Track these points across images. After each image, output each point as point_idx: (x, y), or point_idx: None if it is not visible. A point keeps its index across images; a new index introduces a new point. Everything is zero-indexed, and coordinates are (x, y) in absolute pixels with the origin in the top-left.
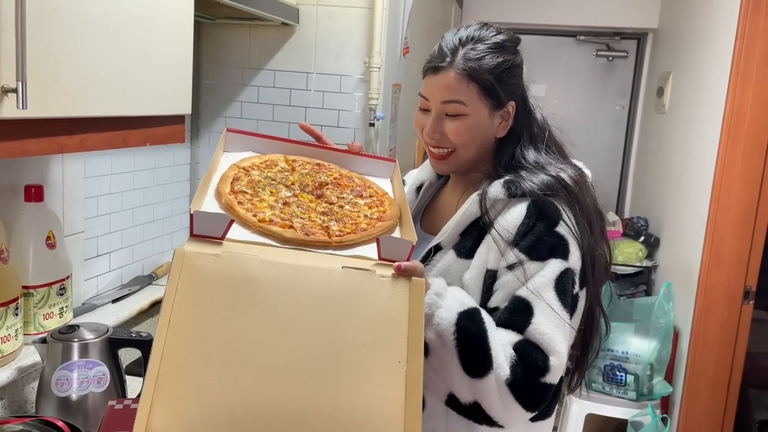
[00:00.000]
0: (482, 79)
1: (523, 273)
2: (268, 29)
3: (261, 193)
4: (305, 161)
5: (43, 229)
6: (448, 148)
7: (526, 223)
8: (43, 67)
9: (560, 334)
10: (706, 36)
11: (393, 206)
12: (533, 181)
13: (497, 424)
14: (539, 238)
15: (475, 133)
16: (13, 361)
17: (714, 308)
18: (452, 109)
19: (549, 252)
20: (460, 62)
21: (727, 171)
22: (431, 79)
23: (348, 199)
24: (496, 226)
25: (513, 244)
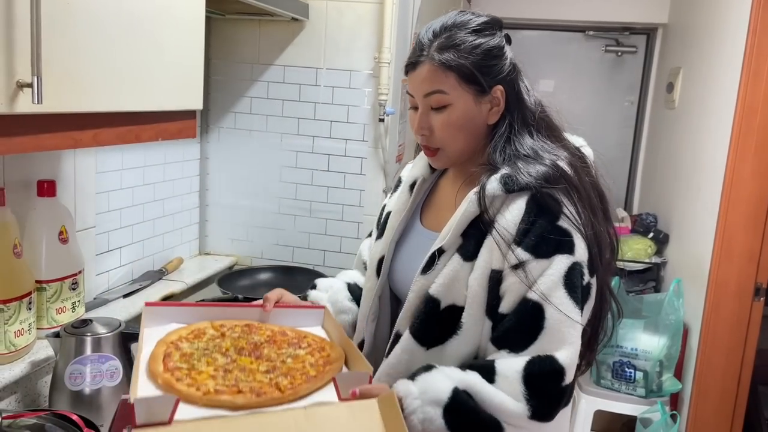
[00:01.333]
0: (459, 65)
1: (530, 273)
2: (278, 25)
3: (197, 365)
4: (233, 324)
5: (55, 223)
6: (435, 146)
7: (527, 220)
8: (57, 62)
9: (573, 332)
10: (717, 31)
11: (335, 348)
12: (530, 173)
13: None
14: (542, 235)
15: (462, 124)
16: (26, 355)
17: (724, 305)
18: (435, 101)
19: (554, 249)
20: (434, 53)
21: (738, 166)
22: (411, 76)
23: (288, 353)
24: (496, 225)
25: (516, 242)
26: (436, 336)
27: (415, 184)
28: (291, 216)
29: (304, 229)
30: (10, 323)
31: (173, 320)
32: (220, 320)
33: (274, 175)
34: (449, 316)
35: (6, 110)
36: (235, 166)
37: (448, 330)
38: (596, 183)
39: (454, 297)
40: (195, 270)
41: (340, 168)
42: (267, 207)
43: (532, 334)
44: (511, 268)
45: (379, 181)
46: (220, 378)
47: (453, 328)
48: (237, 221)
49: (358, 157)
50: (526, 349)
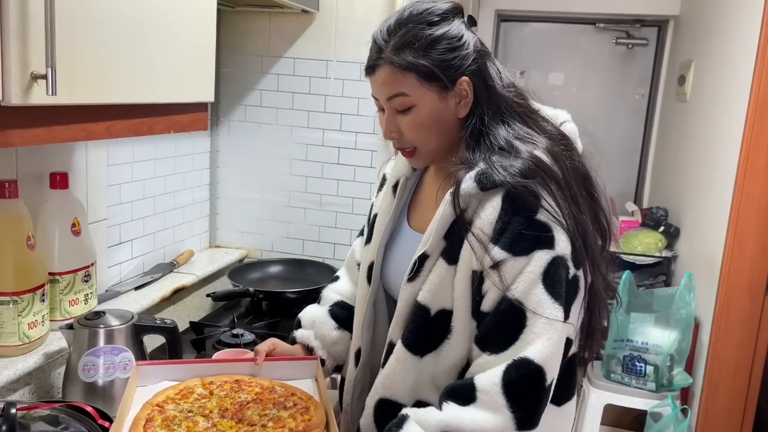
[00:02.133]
0: (417, 64)
1: (508, 273)
2: (288, 17)
3: (177, 430)
4: (223, 381)
5: (68, 216)
6: (409, 147)
7: (503, 218)
8: (71, 53)
9: (550, 329)
10: (730, 23)
11: (318, 410)
12: (504, 167)
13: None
14: (519, 232)
15: (430, 123)
16: (40, 346)
17: (736, 299)
18: (398, 104)
19: (533, 245)
20: (390, 55)
21: (751, 160)
22: (371, 79)
23: (271, 415)
24: (473, 225)
25: (493, 241)
26: (429, 344)
27: (398, 184)
28: (301, 209)
29: (315, 222)
30: (23, 315)
31: (165, 378)
32: (211, 376)
33: (285, 167)
34: (440, 321)
35: (20, 102)
36: (246, 159)
37: (440, 336)
38: (578, 167)
39: (443, 302)
40: (205, 263)
41: (351, 161)
42: (277, 200)
43: (513, 334)
44: (491, 267)
45: None
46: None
47: (444, 333)
48: (247, 214)
49: (368, 150)
50: (507, 349)
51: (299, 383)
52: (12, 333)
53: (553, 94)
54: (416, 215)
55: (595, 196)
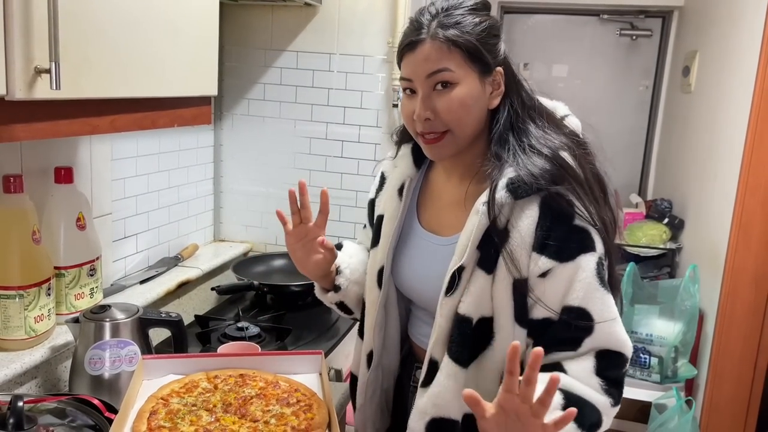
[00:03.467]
0: (465, 41)
1: (562, 280)
2: (291, 10)
3: (180, 424)
4: (227, 375)
5: (73, 210)
6: (442, 130)
7: (543, 225)
8: (75, 48)
9: (619, 319)
10: (735, 13)
11: (321, 409)
12: (534, 173)
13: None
14: (563, 238)
15: (469, 105)
16: (46, 340)
17: (741, 291)
18: (440, 79)
19: (577, 250)
20: (437, 30)
21: (756, 151)
22: (410, 57)
23: (274, 411)
24: (512, 233)
25: (537, 250)
26: (473, 353)
27: (403, 187)
28: None
29: None
30: (30, 309)
31: (171, 371)
32: (216, 370)
33: (288, 161)
34: (481, 329)
35: (24, 96)
36: (249, 153)
37: (483, 344)
38: (595, 169)
39: (482, 311)
40: (210, 256)
41: (354, 154)
42: (281, 193)
43: (582, 336)
44: (540, 276)
45: None
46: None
47: (487, 340)
48: (251, 208)
49: (371, 143)
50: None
51: (303, 378)
52: (18, 327)
53: (557, 86)
54: (428, 215)
55: (607, 195)
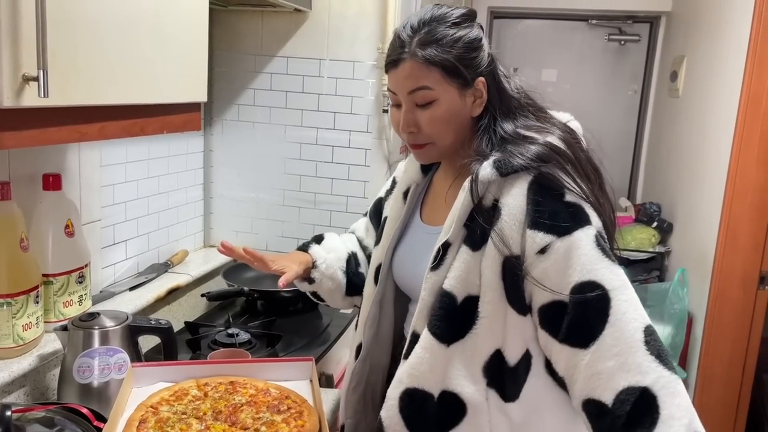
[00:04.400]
0: (443, 60)
1: (561, 255)
2: (281, 15)
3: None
4: (218, 383)
5: (61, 217)
6: (424, 141)
7: (534, 200)
8: (63, 55)
9: (631, 289)
10: (722, 18)
11: (312, 416)
12: (522, 153)
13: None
14: (555, 213)
15: (449, 118)
16: (34, 348)
17: (729, 293)
18: (420, 98)
19: (573, 224)
20: (416, 49)
21: (743, 155)
22: (393, 74)
23: (264, 419)
24: (502, 210)
25: (531, 227)
26: (456, 332)
27: (408, 191)
28: (295, 208)
29: (309, 221)
30: (17, 317)
31: (161, 379)
32: (206, 377)
33: (278, 167)
34: (466, 308)
35: (12, 104)
36: (239, 159)
37: (468, 323)
38: (590, 158)
39: (469, 288)
40: (200, 262)
41: (344, 159)
42: (271, 199)
43: (603, 317)
44: (537, 253)
45: (384, 172)
46: None
47: (472, 320)
48: (241, 213)
49: (362, 149)
50: (602, 333)
51: (294, 384)
52: (6, 335)
53: (546, 91)
54: (428, 211)
55: (603, 181)
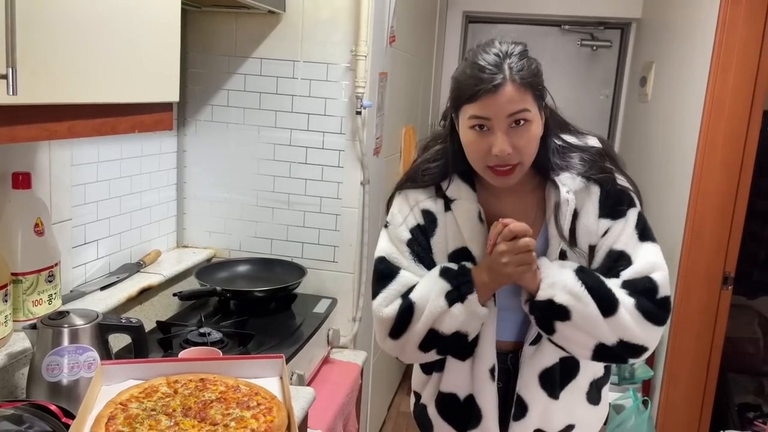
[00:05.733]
0: (533, 84)
1: (614, 232)
2: (255, 17)
3: (139, 429)
4: (188, 380)
5: (31, 216)
6: (515, 162)
7: (603, 195)
8: (32, 53)
9: (655, 256)
10: (688, 25)
11: (281, 412)
12: (586, 165)
13: (642, 348)
14: (615, 201)
15: (538, 138)
16: (3, 347)
17: (694, 293)
18: (521, 117)
19: (627, 206)
20: (515, 74)
21: (707, 158)
22: (491, 99)
23: (234, 415)
24: (582, 212)
25: (600, 216)
26: None
27: (480, 213)
28: (269, 208)
29: (282, 222)
30: None
31: (130, 377)
32: (177, 375)
33: (252, 167)
34: None
35: None
36: (213, 159)
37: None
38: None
39: None
40: (173, 262)
41: (318, 160)
42: (245, 199)
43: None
44: (602, 236)
45: (357, 173)
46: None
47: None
48: (215, 214)
49: (335, 150)
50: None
51: (264, 381)
52: None
53: None
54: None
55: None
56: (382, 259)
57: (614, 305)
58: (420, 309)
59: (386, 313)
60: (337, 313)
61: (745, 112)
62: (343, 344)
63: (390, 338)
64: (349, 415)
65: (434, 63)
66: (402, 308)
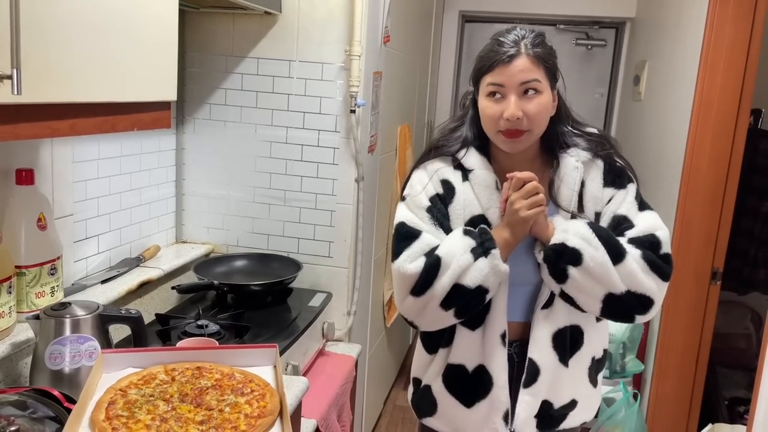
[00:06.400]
0: (546, 60)
1: (617, 200)
2: (251, 18)
3: (137, 413)
4: (185, 368)
5: (34, 211)
6: (525, 129)
7: (605, 170)
8: (36, 54)
9: (655, 219)
10: (679, 25)
11: (274, 398)
12: (594, 143)
13: (649, 301)
14: (617, 174)
15: (546, 111)
16: (7, 337)
17: (683, 288)
18: (531, 86)
19: (627, 180)
20: (529, 49)
21: (696, 156)
22: (505, 69)
23: (229, 401)
24: (588, 182)
25: (605, 186)
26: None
27: (496, 182)
28: (266, 205)
29: (279, 218)
30: None
31: (130, 365)
32: (174, 363)
33: (249, 164)
34: None
35: None
36: (211, 157)
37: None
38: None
39: None
40: (172, 257)
41: (313, 158)
42: (242, 196)
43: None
44: (606, 204)
45: (351, 170)
46: (155, 428)
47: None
48: (213, 210)
49: (330, 148)
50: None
51: (259, 370)
52: None
53: None
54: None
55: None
56: (403, 224)
57: (622, 253)
58: (446, 264)
59: (411, 270)
60: (331, 307)
61: (733, 109)
62: (338, 337)
63: (412, 295)
64: (343, 406)
65: (431, 62)
66: (428, 264)
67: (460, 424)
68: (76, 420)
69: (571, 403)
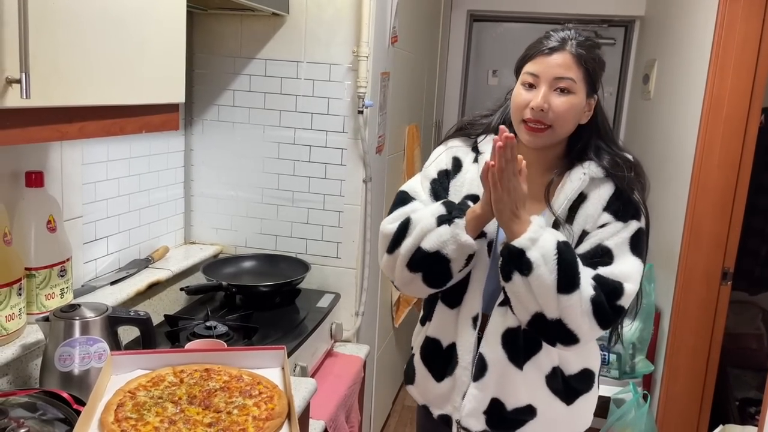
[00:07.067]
0: (588, 64)
1: (609, 229)
2: (259, 19)
3: (146, 415)
4: (193, 370)
5: (43, 213)
6: (548, 124)
7: (612, 196)
8: (44, 58)
9: (635, 271)
10: (689, 23)
11: (282, 400)
12: (611, 163)
13: (574, 338)
14: (624, 205)
15: (574, 112)
16: (17, 339)
17: (693, 289)
18: (564, 85)
19: (632, 216)
20: (573, 47)
21: (706, 156)
22: (544, 59)
23: (237, 403)
24: (588, 200)
25: (605, 210)
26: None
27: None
28: (274, 206)
29: (287, 218)
30: (1, 308)
31: (138, 367)
32: (182, 365)
33: (257, 165)
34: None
35: None
36: (219, 158)
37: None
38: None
39: None
40: (180, 258)
41: (321, 159)
42: (250, 197)
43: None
44: (599, 227)
45: (359, 171)
46: (163, 431)
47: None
48: (221, 211)
49: (338, 148)
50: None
51: (267, 372)
52: None
53: None
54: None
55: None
56: (403, 191)
57: (574, 285)
58: (413, 226)
59: (388, 229)
60: (340, 307)
61: (744, 108)
62: (346, 338)
63: (387, 253)
64: (352, 407)
65: (438, 62)
66: (401, 224)
67: (431, 397)
68: (86, 422)
69: (528, 409)
